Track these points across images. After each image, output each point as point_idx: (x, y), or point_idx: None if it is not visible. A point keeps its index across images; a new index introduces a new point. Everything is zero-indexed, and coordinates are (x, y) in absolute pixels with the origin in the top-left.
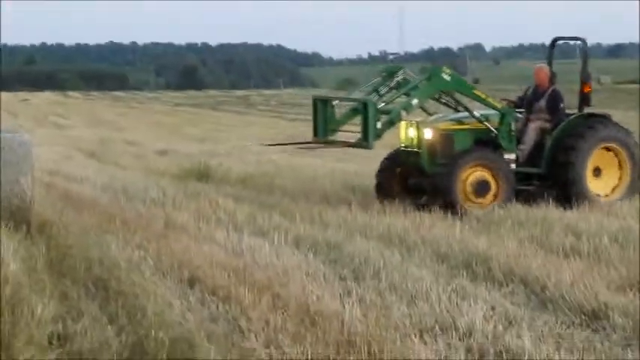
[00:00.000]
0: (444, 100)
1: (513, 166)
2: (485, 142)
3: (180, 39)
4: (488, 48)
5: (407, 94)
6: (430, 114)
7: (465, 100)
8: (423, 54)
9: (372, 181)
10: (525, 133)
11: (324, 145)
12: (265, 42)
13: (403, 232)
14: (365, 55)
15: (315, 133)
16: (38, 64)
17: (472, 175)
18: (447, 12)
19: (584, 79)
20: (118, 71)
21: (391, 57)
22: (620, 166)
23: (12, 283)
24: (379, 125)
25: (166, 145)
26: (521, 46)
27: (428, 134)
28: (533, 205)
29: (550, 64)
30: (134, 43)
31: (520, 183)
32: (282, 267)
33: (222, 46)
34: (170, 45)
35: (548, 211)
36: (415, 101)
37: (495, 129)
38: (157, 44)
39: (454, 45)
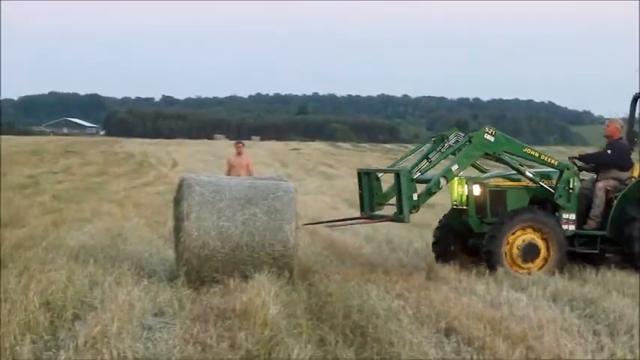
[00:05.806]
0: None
1: (572, 227)
2: (542, 201)
3: (452, 94)
4: None
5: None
6: (484, 170)
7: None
8: None
9: None
10: (595, 196)
11: (368, 221)
12: (537, 99)
13: None
14: None
15: (362, 208)
16: (310, 114)
17: (519, 238)
18: None
19: None
20: (390, 123)
21: None
22: None
23: (271, 326)
24: (415, 197)
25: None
26: None
27: (476, 191)
28: None
29: (632, 119)
30: (406, 96)
31: (581, 247)
32: (538, 320)
33: (493, 102)
34: (442, 99)
35: None
36: (455, 167)
37: (553, 187)
38: (429, 98)
39: None
